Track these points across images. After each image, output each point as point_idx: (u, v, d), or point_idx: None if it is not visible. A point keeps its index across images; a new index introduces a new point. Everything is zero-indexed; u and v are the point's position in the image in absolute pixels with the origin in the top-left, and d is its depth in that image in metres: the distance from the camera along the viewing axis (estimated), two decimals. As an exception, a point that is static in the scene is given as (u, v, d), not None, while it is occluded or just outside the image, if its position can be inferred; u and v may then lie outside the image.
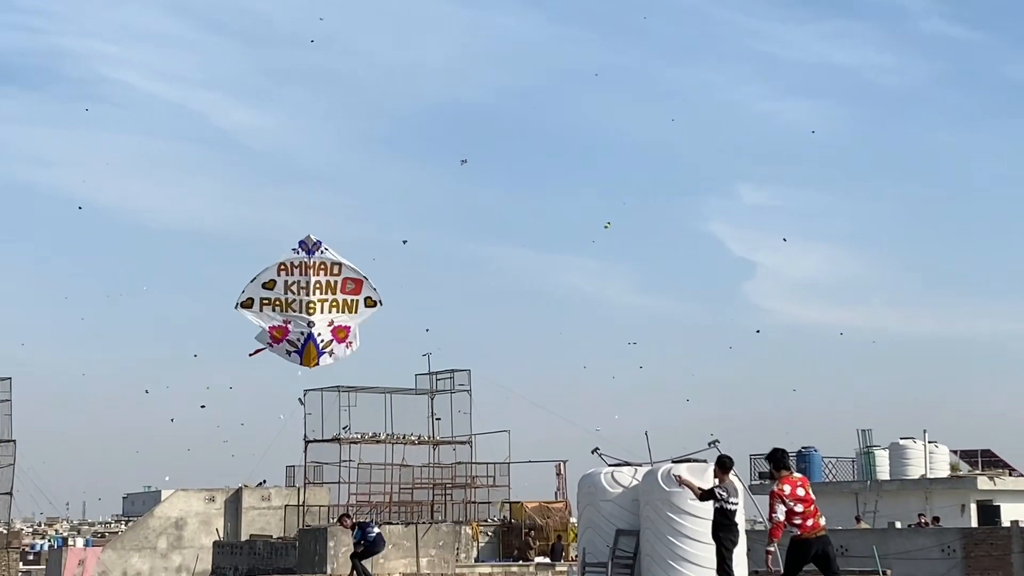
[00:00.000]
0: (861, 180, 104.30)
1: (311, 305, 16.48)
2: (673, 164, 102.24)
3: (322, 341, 16.60)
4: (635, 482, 21.42)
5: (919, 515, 41.48)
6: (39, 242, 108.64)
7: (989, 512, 42.73)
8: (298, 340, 16.65)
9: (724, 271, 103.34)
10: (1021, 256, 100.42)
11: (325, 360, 16.80)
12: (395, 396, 40.34)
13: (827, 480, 47.42)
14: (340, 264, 16.60)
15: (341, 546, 32.90)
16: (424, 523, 35.28)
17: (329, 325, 16.59)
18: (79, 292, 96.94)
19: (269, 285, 16.60)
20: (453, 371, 41.48)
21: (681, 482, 18.39)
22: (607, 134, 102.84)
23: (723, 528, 17.31)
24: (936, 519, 41.06)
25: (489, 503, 40.39)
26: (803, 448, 47.81)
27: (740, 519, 18.64)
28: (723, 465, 17.80)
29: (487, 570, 32.77)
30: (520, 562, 36.35)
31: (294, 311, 16.49)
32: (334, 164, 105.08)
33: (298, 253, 16.57)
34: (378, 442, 39.34)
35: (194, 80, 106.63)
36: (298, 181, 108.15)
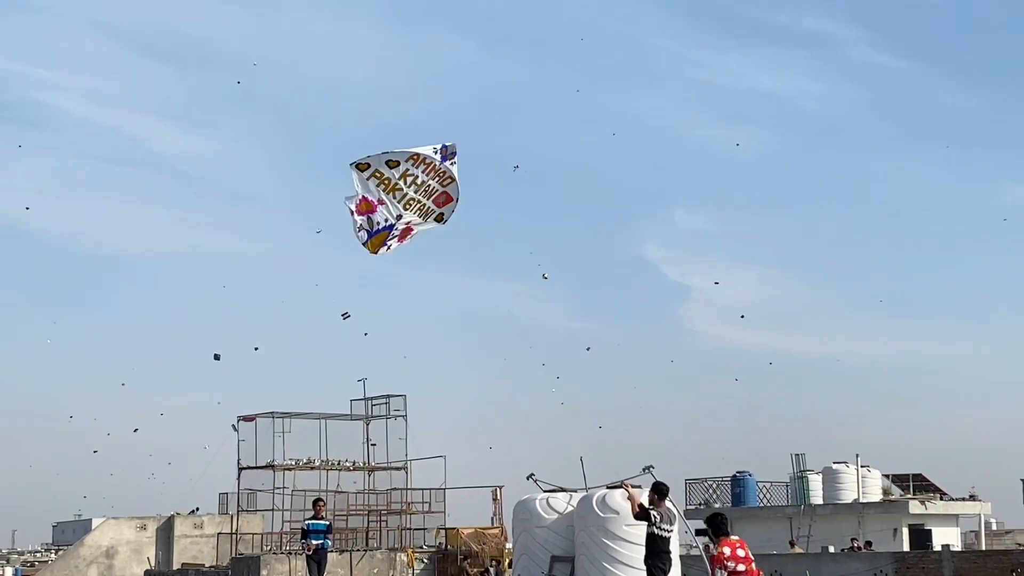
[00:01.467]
0: (793, 205, 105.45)
1: (410, 202, 16.56)
2: (607, 188, 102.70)
3: (394, 235, 16.66)
4: (570, 508, 21.40)
5: (852, 539, 41.78)
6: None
7: (921, 536, 43.12)
8: (378, 224, 16.66)
9: (659, 295, 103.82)
10: (950, 281, 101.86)
11: (383, 251, 16.89)
12: (330, 422, 40.10)
13: (761, 504, 47.67)
14: (455, 180, 16.67)
15: (274, 574, 32.57)
16: (359, 550, 34.98)
17: (406, 223, 16.63)
18: (7, 316, 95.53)
19: (392, 164, 16.60)
20: (388, 396, 41.32)
21: (627, 494, 18.34)
22: (541, 157, 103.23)
23: (654, 555, 17.30)
24: (869, 543, 41.36)
25: (425, 529, 40.17)
26: (738, 472, 48.05)
27: (674, 546, 18.66)
28: (659, 491, 17.80)
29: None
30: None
31: (394, 199, 16.52)
32: (270, 187, 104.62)
33: (436, 154, 16.63)
34: (312, 468, 39.06)
35: (128, 104, 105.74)
36: (234, 204, 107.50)
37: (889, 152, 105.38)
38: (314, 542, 23.47)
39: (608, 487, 21.25)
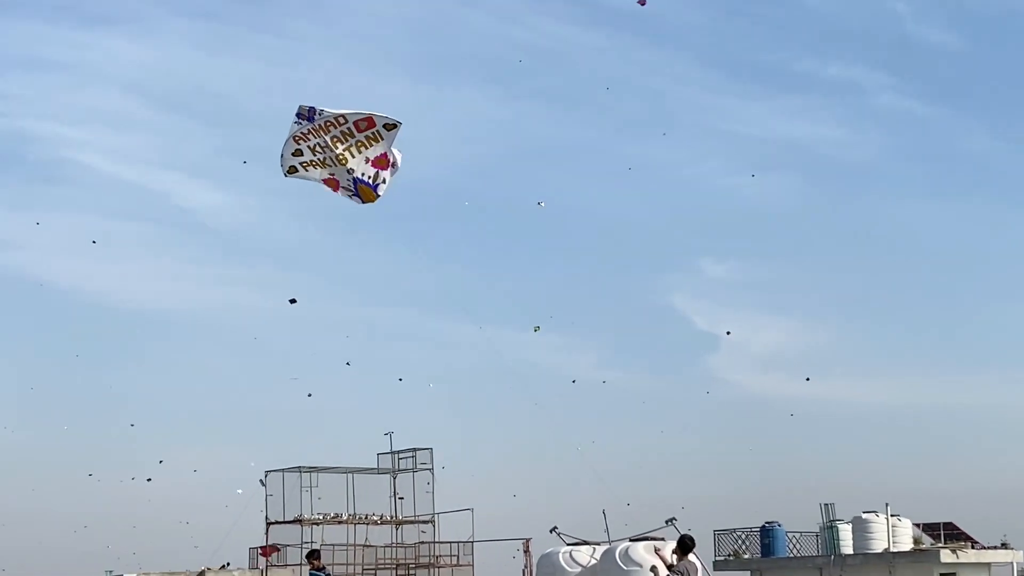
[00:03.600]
0: (820, 253, 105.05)
1: (341, 157, 16.71)
2: (634, 239, 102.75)
3: (369, 177, 16.79)
4: (593, 561, 21.42)
5: (883, 589, 41.50)
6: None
7: (953, 585, 42.76)
8: (349, 186, 16.89)
9: (688, 345, 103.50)
10: (979, 329, 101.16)
11: (381, 190, 16.98)
12: (357, 476, 40.27)
13: (791, 555, 47.37)
14: (343, 115, 16.76)
15: (302, 629, 32.62)
16: (387, 604, 35.02)
17: (367, 162, 16.76)
18: (38, 373, 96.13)
19: (297, 154, 16.80)
20: (415, 450, 41.47)
21: (659, 556, 18.50)
22: (567, 209, 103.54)
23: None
24: (900, 593, 41.08)
25: (453, 583, 40.18)
26: (767, 523, 47.76)
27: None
28: (684, 546, 17.90)
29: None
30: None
31: (330, 166, 16.73)
32: (296, 242, 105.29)
33: (301, 124, 16.75)
34: (340, 523, 39.19)
35: (155, 161, 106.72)
36: (260, 260, 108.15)
37: (916, 198, 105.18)
38: None
39: (631, 539, 21.28)
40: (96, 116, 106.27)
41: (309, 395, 44.64)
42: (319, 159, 16.81)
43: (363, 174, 16.92)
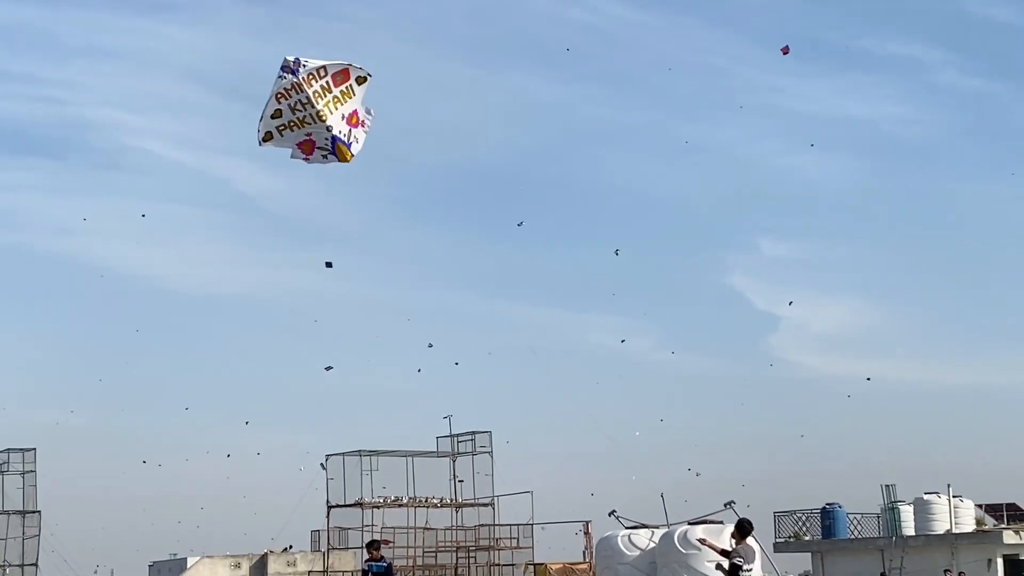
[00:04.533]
0: (882, 232, 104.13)
1: (320, 113, 17.11)
2: (692, 219, 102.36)
3: (344, 135, 17.22)
4: (652, 544, 21.51)
5: (945, 570, 41.20)
6: (59, 309, 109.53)
7: (1016, 566, 42.41)
8: (326, 144, 17.29)
9: (747, 325, 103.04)
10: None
11: (355, 148, 17.38)
12: (416, 459, 40.56)
13: (852, 536, 47.17)
14: (324, 66, 17.18)
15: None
16: (448, 587, 35.26)
17: (342, 119, 17.18)
18: (101, 360, 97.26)
19: (276, 115, 17.17)
20: (474, 432, 41.66)
21: (704, 544, 18.49)
22: (625, 190, 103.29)
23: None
24: (962, 574, 40.80)
25: (513, 565, 40.35)
26: (827, 505, 47.61)
27: (756, 581, 18.77)
28: (742, 530, 17.84)
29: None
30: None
31: (309, 124, 17.12)
32: (354, 226, 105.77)
33: (285, 78, 17.11)
34: (400, 506, 39.48)
35: (215, 147, 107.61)
36: (319, 244, 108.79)
37: (979, 176, 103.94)
38: None
39: (689, 523, 21.34)
40: (156, 102, 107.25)
41: (328, 368, 43.27)
42: (298, 118, 17.13)
43: (340, 132, 17.31)
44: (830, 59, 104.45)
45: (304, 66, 17.12)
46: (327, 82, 17.28)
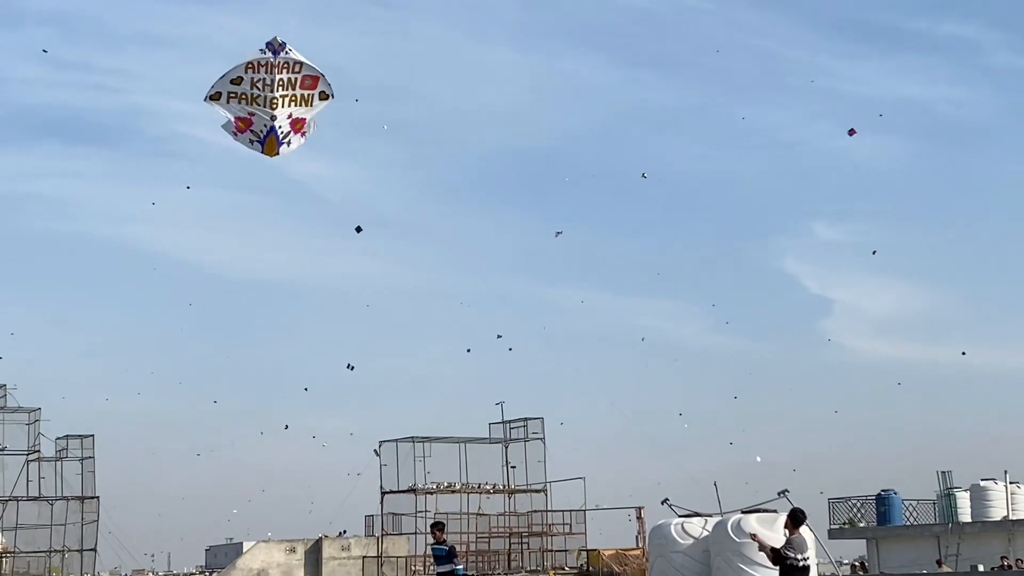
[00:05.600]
0: (936, 214, 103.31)
1: (274, 101, 17.50)
2: (744, 202, 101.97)
3: (282, 133, 17.58)
4: (705, 533, 21.45)
5: (1002, 557, 40.82)
6: (116, 297, 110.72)
7: (1074, 553, 41.92)
8: (260, 131, 17.64)
9: (801, 309, 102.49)
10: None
11: (284, 150, 17.81)
12: (469, 445, 40.70)
13: (908, 523, 46.82)
14: (302, 63, 17.54)
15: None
16: (501, 573, 35.36)
17: (288, 118, 17.59)
18: (158, 345, 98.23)
19: (236, 81, 17.50)
20: (526, 419, 41.73)
21: (756, 541, 18.45)
22: (676, 174, 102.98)
23: (791, 582, 17.28)
24: (1020, 561, 40.40)
25: (566, 551, 40.43)
26: (883, 491, 47.26)
27: (813, 572, 18.66)
28: (795, 519, 17.71)
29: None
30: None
31: (259, 105, 17.43)
32: (406, 212, 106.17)
33: (265, 53, 17.44)
34: (453, 492, 39.64)
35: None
36: (372, 230, 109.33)
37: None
38: (442, 568, 22.06)
39: (743, 511, 21.26)
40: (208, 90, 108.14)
41: (350, 367, 43.22)
42: (252, 95, 17.38)
43: (280, 127, 17.57)
44: (883, 40, 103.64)
45: (287, 52, 17.41)
46: (295, 79, 17.56)
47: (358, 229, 33.38)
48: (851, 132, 35.45)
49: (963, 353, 59.59)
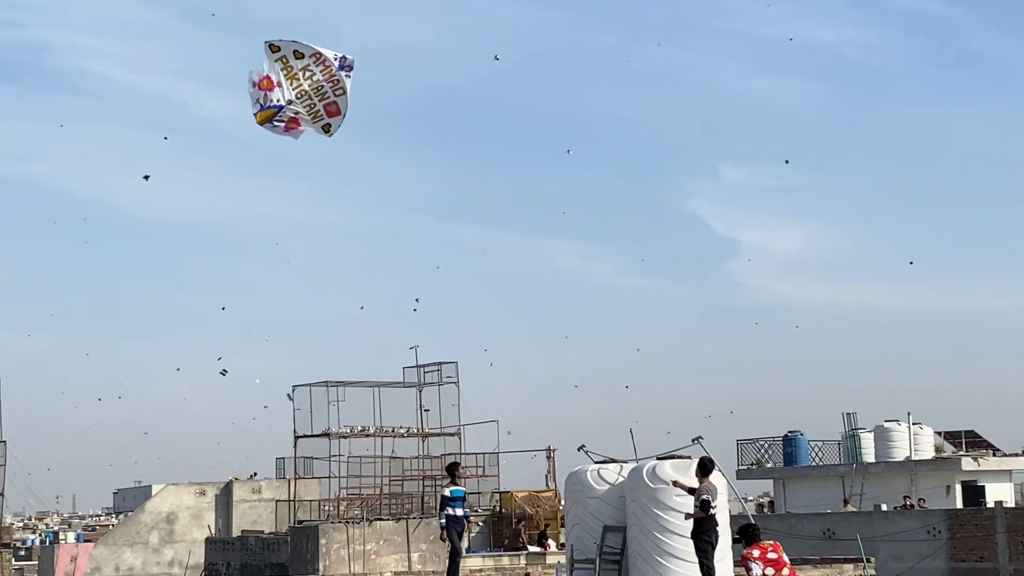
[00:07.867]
0: (842, 156, 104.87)
1: (302, 93, 17.73)
2: (653, 144, 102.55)
3: (282, 116, 17.80)
4: (621, 479, 21.65)
5: (905, 497, 41.91)
6: (22, 234, 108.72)
7: (974, 493, 43.17)
8: (271, 101, 17.83)
9: (708, 250, 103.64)
10: (1005, 230, 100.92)
11: (267, 127, 17.99)
12: (383, 390, 40.65)
13: (813, 464, 47.83)
14: (345, 91, 17.76)
15: (333, 543, 33.14)
16: (415, 518, 35.46)
17: (295, 114, 17.76)
18: (60, 284, 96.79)
19: (298, 55, 17.72)
20: (440, 363, 41.75)
21: (676, 485, 18.87)
22: (587, 115, 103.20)
23: (701, 529, 17.73)
24: (921, 501, 41.49)
25: (479, 493, 40.64)
26: (789, 432, 48.21)
27: (722, 518, 19.06)
28: (704, 468, 18.21)
29: (478, 562, 32.91)
30: (511, 552, 36.62)
31: (290, 86, 17.67)
32: (315, 150, 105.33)
33: (335, 60, 17.71)
34: (367, 436, 39.60)
35: (174, 71, 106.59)
36: (281, 168, 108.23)
37: (937, 101, 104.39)
38: (458, 511, 20.61)
39: (658, 458, 21.48)
40: (116, 26, 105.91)
41: (223, 372, 45.82)
42: (294, 73, 17.57)
43: (286, 113, 17.77)
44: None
45: (348, 75, 17.65)
46: (328, 96, 17.78)
47: (223, 372, 33.74)
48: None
49: (911, 262, 60.43)
